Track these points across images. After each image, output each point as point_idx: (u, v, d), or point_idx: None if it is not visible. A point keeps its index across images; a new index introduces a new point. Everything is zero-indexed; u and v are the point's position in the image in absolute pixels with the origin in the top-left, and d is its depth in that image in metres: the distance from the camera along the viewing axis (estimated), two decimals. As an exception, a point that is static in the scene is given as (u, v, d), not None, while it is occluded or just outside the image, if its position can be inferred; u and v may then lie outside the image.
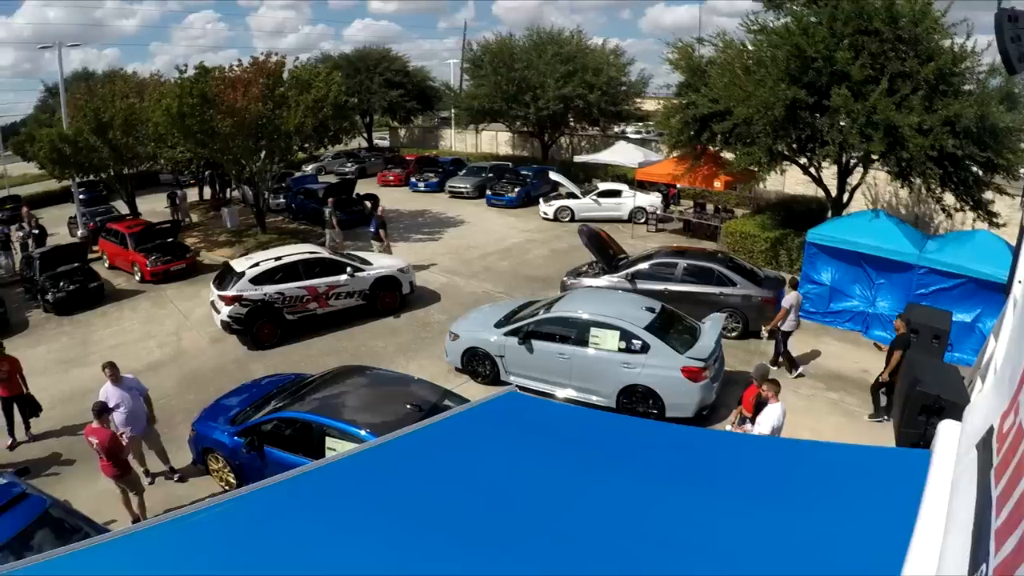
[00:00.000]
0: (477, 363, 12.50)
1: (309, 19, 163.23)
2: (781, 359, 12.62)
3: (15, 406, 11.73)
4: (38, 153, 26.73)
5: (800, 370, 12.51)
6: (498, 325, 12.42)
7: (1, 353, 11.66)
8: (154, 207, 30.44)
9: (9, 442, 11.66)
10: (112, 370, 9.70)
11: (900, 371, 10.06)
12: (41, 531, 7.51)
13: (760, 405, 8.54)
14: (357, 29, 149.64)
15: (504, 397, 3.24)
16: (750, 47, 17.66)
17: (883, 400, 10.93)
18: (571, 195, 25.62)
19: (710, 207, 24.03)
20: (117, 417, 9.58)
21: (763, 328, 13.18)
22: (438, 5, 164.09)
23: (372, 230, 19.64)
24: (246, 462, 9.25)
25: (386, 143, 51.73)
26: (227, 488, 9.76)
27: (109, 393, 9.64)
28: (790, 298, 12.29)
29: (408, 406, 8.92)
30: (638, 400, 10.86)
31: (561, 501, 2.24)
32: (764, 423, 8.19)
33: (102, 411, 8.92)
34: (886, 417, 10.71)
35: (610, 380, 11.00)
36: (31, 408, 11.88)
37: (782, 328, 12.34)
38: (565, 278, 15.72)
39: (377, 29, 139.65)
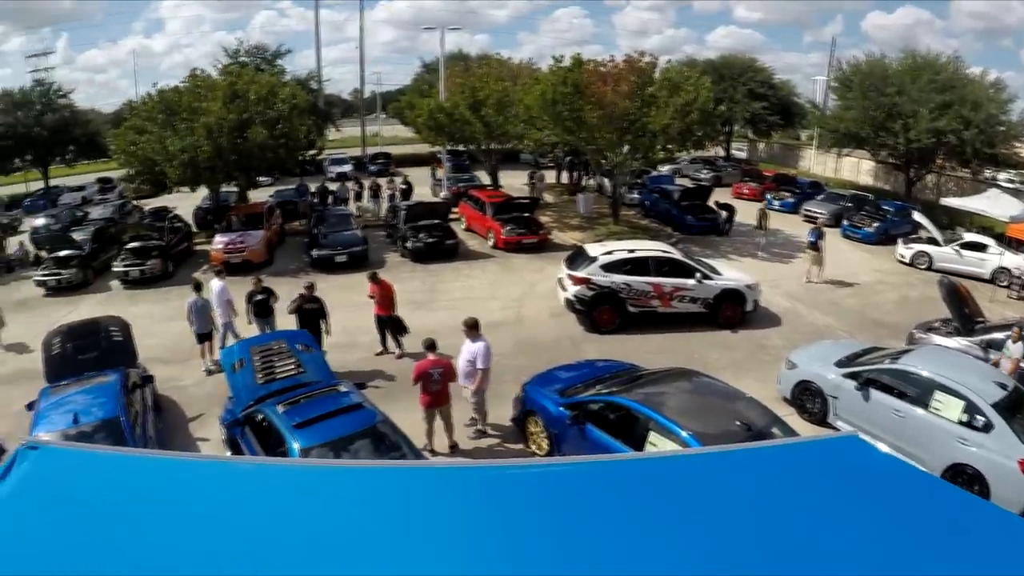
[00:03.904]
0: (807, 398, 11.73)
1: (673, 22, 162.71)
2: None
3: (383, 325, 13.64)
4: (415, 119, 30.29)
5: None
6: (839, 364, 11.55)
7: (375, 279, 13.62)
8: (512, 182, 32.57)
9: (398, 352, 13.70)
10: (468, 328, 10.37)
11: None
12: (364, 440, 8.22)
13: None
14: (720, 36, 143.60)
15: (845, 440, 2.95)
16: None
17: None
18: (932, 240, 22.29)
19: (1085, 282, 19.55)
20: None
21: None
22: (805, 17, 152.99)
23: (812, 239, 19.51)
24: (562, 433, 9.50)
25: (743, 155, 50.43)
26: (538, 452, 10.09)
27: (464, 344, 10.47)
28: (1019, 348, 11.72)
29: (737, 423, 8.56)
30: (964, 481, 9.49)
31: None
32: None
33: (431, 346, 10.11)
34: None
35: (940, 451, 9.85)
36: (396, 328, 13.66)
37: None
38: (915, 331, 14.45)
39: (741, 37, 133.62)
